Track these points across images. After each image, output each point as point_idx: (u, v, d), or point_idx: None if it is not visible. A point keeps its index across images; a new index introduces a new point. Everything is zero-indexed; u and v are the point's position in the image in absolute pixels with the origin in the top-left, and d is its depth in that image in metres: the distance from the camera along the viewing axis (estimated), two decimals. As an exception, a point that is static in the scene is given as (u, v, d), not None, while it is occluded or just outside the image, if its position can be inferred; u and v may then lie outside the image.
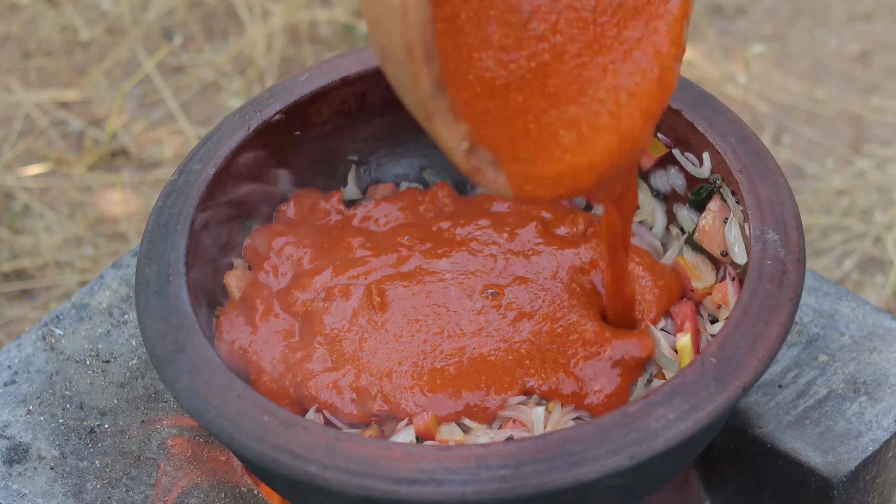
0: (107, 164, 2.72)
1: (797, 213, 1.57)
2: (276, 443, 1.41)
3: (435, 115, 1.26)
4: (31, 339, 1.79)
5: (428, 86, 1.24)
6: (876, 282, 2.47)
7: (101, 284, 1.84)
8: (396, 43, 1.23)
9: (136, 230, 2.58)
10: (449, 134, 1.28)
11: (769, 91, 2.78)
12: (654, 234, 1.74)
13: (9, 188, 2.65)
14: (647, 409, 1.41)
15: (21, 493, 1.65)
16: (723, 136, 1.63)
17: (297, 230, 1.73)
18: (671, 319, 1.65)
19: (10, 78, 2.86)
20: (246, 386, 1.46)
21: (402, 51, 1.23)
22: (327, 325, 1.63)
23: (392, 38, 1.23)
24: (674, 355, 1.61)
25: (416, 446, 1.40)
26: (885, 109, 2.74)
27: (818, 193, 2.60)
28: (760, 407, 1.71)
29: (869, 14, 2.93)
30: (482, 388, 1.56)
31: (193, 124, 2.77)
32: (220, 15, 2.98)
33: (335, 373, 1.58)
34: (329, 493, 1.41)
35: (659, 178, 1.74)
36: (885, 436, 1.67)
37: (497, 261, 1.68)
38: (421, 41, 1.22)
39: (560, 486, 1.37)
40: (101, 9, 2.98)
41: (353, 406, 1.56)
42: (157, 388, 1.74)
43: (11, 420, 1.72)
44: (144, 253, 1.59)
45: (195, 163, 1.66)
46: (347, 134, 1.79)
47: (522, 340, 1.60)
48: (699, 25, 2.90)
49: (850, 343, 1.76)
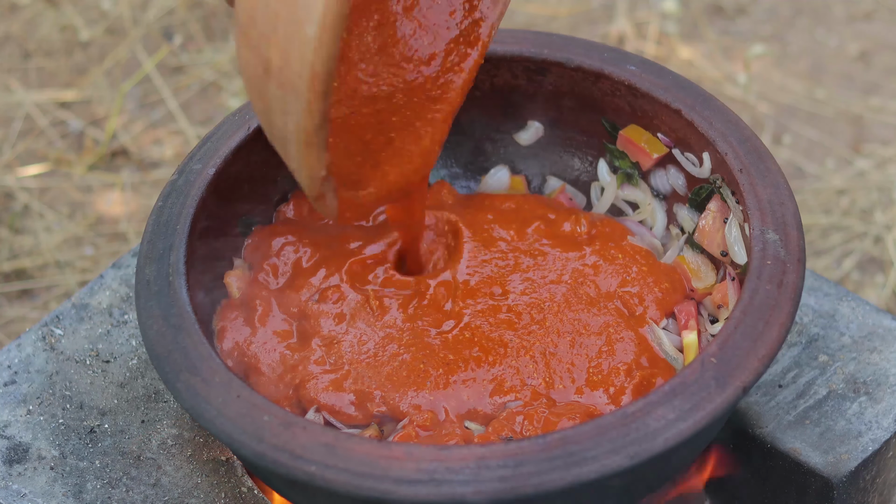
0: (107, 164, 2.72)
1: (797, 213, 1.57)
2: (276, 443, 1.41)
3: (314, 146, 1.34)
4: (31, 339, 1.79)
5: (319, 117, 1.28)
6: (876, 282, 2.47)
7: (101, 284, 1.84)
8: (298, 69, 1.26)
9: (136, 230, 2.58)
10: (318, 163, 1.36)
11: (769, 91, 2.78)
12: (654, 234, 1.74)
13: (9, 188, 2.65)
14: (647, 409, 1.41)
15: (21, 493, 1.65)
16: (723, 136, 1.63)
17: (296, 230, 1.73)
18: (673, 319, 1.65)
19: (10, 78, 2.86)
20: (246, 386, 1.46)
21: (306, 80, 1.26)
22: (326, 326, 1.63)
23: (293, 64, 1.26)
24: (677, 354, 1.61)
25: (416, 446, 1.39)
26: (885, 109, 2.74)
27: (818, 193, 2.60)
28: (760, 407, 1.71)
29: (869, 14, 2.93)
30: (483, 390, 1.56)
31: (193, 124, 2.77)
32: (220, 15, 2.98)
33: (334, 374, 1.58)
34: (329, 493, 1.41)
35: (659, 178, 1.74)
36: (885, 436, 1.67)
37: (500, 261, 1.68)
38: (326, 72, 1.26)
39: (560, 486, 1.37)
40: (101, 9, 2.98)
41: (352, 408, 1.56)
42: (157, 388, 1.74)
43: (11, 420, 1.72)
44: (144, 253, 1.59)
45: (195, 163, 1.66)
46: (347, 134, 1.79)
47: (526, 342, 1.60)
48: (699, 25, 2.90)
49: (850, 343, 1.76)
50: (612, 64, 1.71)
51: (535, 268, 1.67)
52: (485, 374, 1.57)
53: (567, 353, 1.59)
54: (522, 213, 1.74)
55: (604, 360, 1.58)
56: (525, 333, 1.60)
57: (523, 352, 1.59)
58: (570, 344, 1.60)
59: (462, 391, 1.56)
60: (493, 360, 1.58)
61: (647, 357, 1.59)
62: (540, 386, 1.56)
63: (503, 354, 1.58)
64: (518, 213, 1.74)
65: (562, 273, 1.66)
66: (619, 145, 1.76)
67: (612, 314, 1.62)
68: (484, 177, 1.84)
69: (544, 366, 1.58)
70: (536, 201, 1.77)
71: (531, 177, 1.83)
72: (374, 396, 1.56)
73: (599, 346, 1.60)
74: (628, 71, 1.70)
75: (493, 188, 1.83)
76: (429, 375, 1.57)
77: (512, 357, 1.58)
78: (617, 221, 1.74)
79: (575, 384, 1.57)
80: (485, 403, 1.55)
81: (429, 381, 1.56)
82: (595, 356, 1.59)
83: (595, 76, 1.72)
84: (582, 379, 1.57)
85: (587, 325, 1.61)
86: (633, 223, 1.75)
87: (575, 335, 1.60)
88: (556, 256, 1.68)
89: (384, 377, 1.57)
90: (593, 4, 2.96)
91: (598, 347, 1.59)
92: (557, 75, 1.75)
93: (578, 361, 1.58)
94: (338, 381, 1.57)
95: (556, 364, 1.58)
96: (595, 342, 1.60)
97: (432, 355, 1.59)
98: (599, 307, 1.63)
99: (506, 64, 1.76)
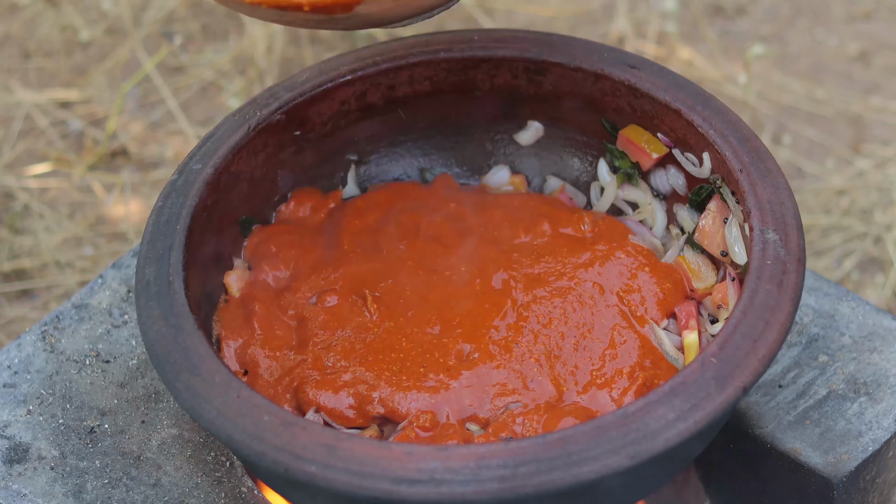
0: (107, 164, 2.71)
1: (797, 213, 1.57)
2: (276, 443, 1.41)
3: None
4: (31, 339, 1.79)
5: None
6: (876, 282, 2.47)
7: (101, 284, 1.84)
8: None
9: (136, 230, 2.58)
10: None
11: (769, 91, 2.78)
12: (654, 234, 1.74)
13: (9, 188, 2.65)
14: (647, 409, 1.41)
15: (21, 493, 1.65)
16: (723, 136, 1.63)
17: (296, 230, 1.73)
18: (673, 319, 1.65)
19: (10, 78, 2.86)
20: (246, 386, 1.46)
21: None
22: (325, 327, 1.62)
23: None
24: (678, 354, 1.61)
25: (416, 446, 1.39)
26: (885, 109, 2.74)
27: (818, 193, 2.60)
28: (760, 407, 1.71)
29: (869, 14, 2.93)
30: (485, 395, 1.56)
31: (193, 124, 2.77)
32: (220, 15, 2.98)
33: (332, 376, 1.58)
34: (329, 493, 1.41)
35: (659, 178, 1.74)
36: (885, 436, 1.67)
37: (501, 261, 1.68)
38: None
39: (560, 486, 1.37)
40: (101, 9, 2.97)
41: (351, 411, 1.56)
42: (157, 388, 1.74)
43: (11, 420, 1.72)
44: (144, 253, 1.59)
45: (195, 163, 1.66)
46: (347, 134, 1.79)
47: (530, 344, 1.60)
48: (699, 25, 2.90)
49: (850, 343, 1.76)
50: (612, 64, 1.72)
51: (540, 268, 1.67)
52: (487, 377, 1.57)
53: (571, 356, 1.59)
54: (527, 212, 1.73)
55: (607, 362, 1.58)
56: (529, 336, 1.60)
57: (528, 354, 1.58)
58: (574, 346, 1.60)
59: (463, 395, 1.55)
60: (495, 363, 1.58)
61: (651, 359, 1.59)
62: (544, 389, 1.56)
63: (507, 358, 1.58)
64: (522, 212, 1.74)
65: (567, 273, 1.66)
66: (619, 145, 1.76)
67: (616, 315, 1.62)
68: (484, 176, 1.84)
69: (548, 368, 1.57)
70: (540, 200, 1.76)
71: (531, 176, 1.83)
72: (373, 399, 1.56)
73: (603, 348, 1.59)
74: (628, 71, 1.70)
75: (494, 188, 1.83)
76: (429, 379, 1.57)
77: (516, 360, 1.58)
78: (618, 221, 1.74)
79: (578, 386, 1.57)
80: (485, 408, 1.55)
81: (429, 385, 1.56)
82: (599, 358, 1.59)
83: (595, 76, 1.72)
84: (585, 381, 1.57)
85: (591, 327, 1.61)
86: (634, 222, 1.75)
87: (579, 338, 1.60)
88: (562, 256, 1.68)
89: (383, 380, 1.57)
90: (593, 4, 2.96)
91: (602, 350, 1.59)
92: (557, 75, 1.75)
93: (582, 364, 1.58)
94: (337, 384, 1.57)
95: (561, 367, 1.58)
96: (599, 345, 1.60)
97: (433, 358, 1.58)
98: (603, 308, 1.63)
99: (506, 64, 1.76)
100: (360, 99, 1.77)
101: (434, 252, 1.70)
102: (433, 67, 1.76)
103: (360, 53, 1.76)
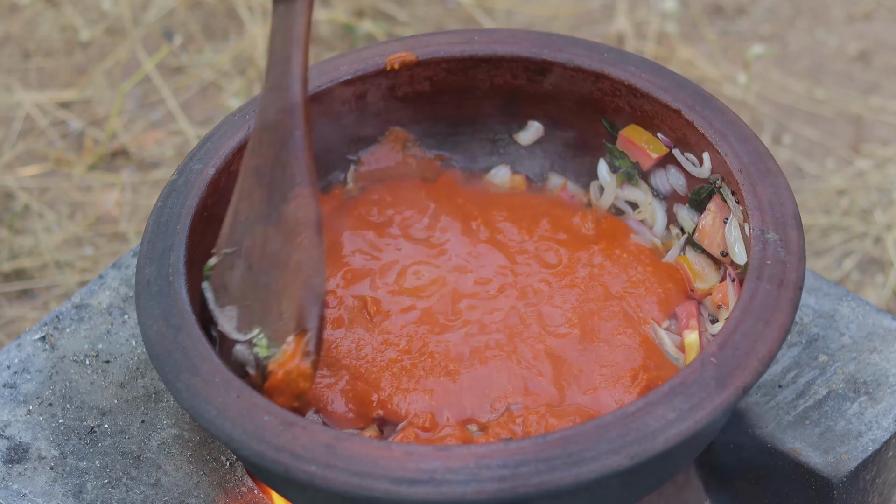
0: (107, 164, 2.71)
1: (797, 213, 1.57)
2: (276, 443, 1.41)
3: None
4: (31, 339, 1.79)
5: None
6: (876, 282, 2.47)
7: (101, 284, 1.84)
8: None
9: (136, 230, 2.58)
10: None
11: (769, 91, 2.78)
12: (654, 234, 1.74)
13: (9, 188, 2.65)
14: (647, 409, 1.41)
15: (21, 493, 1.65)
16: (723, 136, 1.63)
17: (297, 230, 1.73)
18: (674, 319, 1.65)
19: (10, 78, 2.86)
20: (246, 386, 1.46)
21: None
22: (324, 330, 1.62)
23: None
24: (679, 354, 1.61)
25: (415, 446, 1.39)
26: (885, 109, 2.74)
27: (818, 193, 2.60)
28: (760, 407, 1.71)
29: (869, 14, 2.93)
30: (484, 395, 1.55)
31: (193, 124, 2.77)
32: (220, 15, 2.98)
33: (331, 378, 1.58)
34: (329, 493, 1.41)
35: (659, 178, 1.74)
36: (885, 436, 1.67)
37: (501, 261, 1.68)
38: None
39: (560, 486, 1.37)
40: (101, 9, 2.97)
41: (350, 413, 1.56)
42: (157, 388, 1.74)
43: (11, 420, 1.71)
44: (144, 253, 1.59)
45: (195, 163, 1.66)
46: (347, 134, 1.79)
47: (532, 346, 1.59)
48: (699, 25, 2.90)
49: (850, 343, 1.76)
50: (612, 64, 1.71)
51: (544, 267, 1.67)
52: (487, 379, 1.56)
53: (573, 357, 1.59)
54: (528, 211, 1.73)
55: (611, 363, 1.58)
56: (530, 336, 1.60)
57: (531, 356, 1.58)
58: (575, 347, 1.59)
59: (464, 397, 1.55)
60: (496, 365, 1.57)
61: (655, 361, 1.59)
62: (545, 391, 1.56)
63: (507, 359, 1.58)
64: (523, 211, 1.74)
65: (570, 273, 1.66)
66: (619, 145, 1.76)
67: (619, 316, 1.62)
68: (485, 176, 1.84)
69: (550, 369, 1.57)
70: (541, 199, 1.77)
71: (531, 176, 1.83)
72: (373, 400, 1.56)
73: (605, 349, 1.59)
74: (628, 71, 1.70)
75: (495, 187, 1.83)
76: (429, 380, 1.56)
77: (516, 362, 1.58)
78: (619, 220, 1.74)
79: (581, 388, 1.57)
80: (486, 410, 1.55)
81: (429, 386, 1.56)
82: (601, 359, 1.58)
83: (595, 76, 1.72)
84: (589, 383, 1.57)
85: (593, 327, 1.61)
86: (634, 222, 1.75)
87: (581, 338, 1.60)
88: (565, 256, 1.68)
89: (383, 381, 1.57)
90: (593, 4, 2.96)
91: (605, 351, 1.59)
92: (557, 75, 1.75)
93: (585, 365, 1.58)
94: (336, 387, 1.57)
95: (563, 368, 1.58)
96: (601, 345, 1.59)
97: (433, 361, 1.58)
98: (605, 308, 1.63)
99: (506, 64, 1.76)
100: (359, 99, 1.77)
101: (434, 252, 1.70)
102: (433, 67, 1.76)
103: (360, 53, 1.76)
